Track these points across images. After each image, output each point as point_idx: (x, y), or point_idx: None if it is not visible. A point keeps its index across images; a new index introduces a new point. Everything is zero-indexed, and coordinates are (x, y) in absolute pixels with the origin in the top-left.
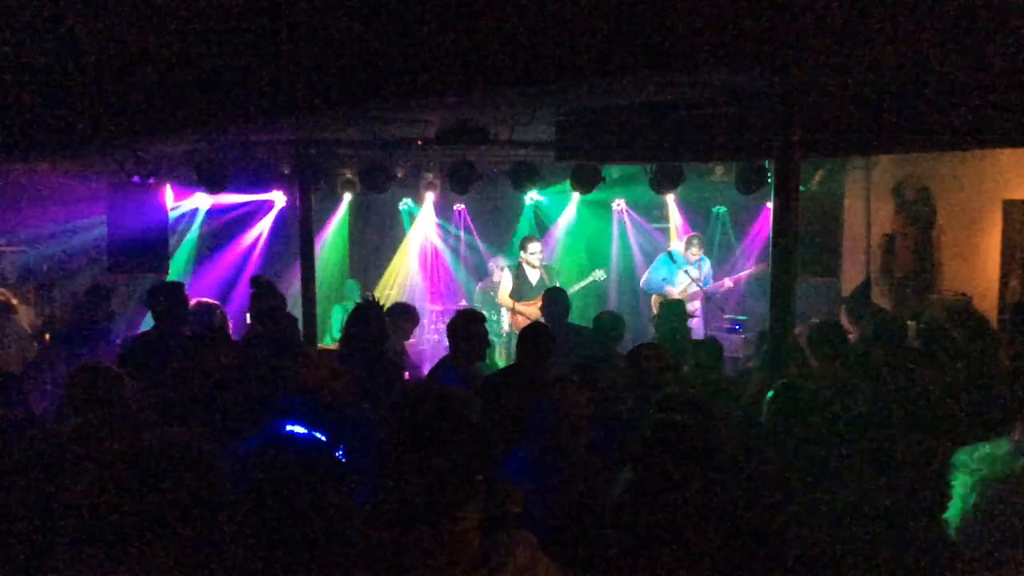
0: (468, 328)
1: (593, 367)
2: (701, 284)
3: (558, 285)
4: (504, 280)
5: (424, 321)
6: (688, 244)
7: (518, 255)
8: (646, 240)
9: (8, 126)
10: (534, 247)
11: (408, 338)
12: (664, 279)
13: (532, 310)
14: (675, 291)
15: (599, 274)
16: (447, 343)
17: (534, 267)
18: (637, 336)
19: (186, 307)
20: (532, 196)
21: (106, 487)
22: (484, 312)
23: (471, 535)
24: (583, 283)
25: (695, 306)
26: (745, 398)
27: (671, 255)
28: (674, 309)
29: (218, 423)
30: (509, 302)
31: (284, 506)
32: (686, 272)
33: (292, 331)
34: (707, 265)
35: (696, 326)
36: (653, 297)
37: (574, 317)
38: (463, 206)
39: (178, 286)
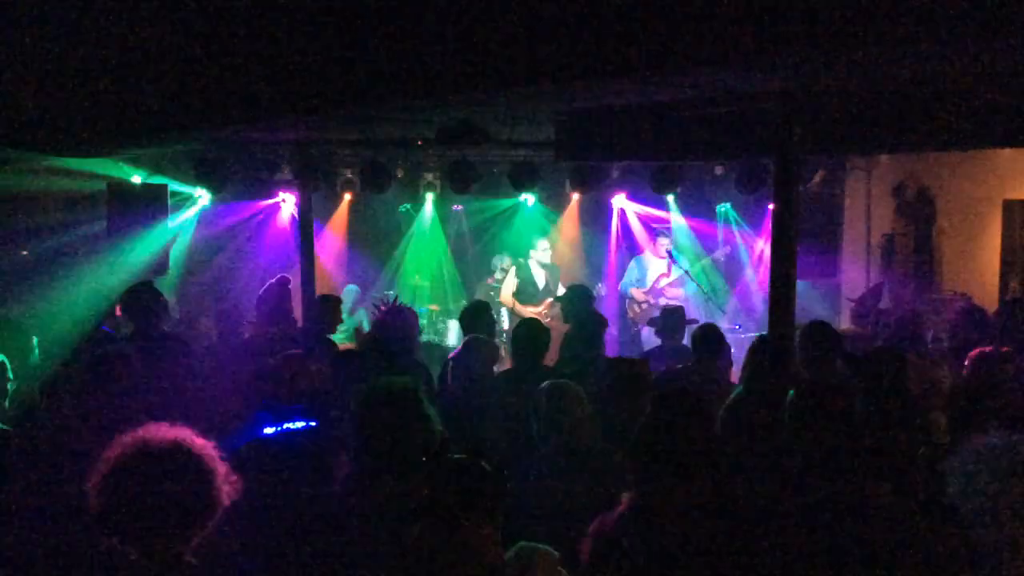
0: (475, 318)
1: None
2: (670, 275)
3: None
4: (508, 279)
5: (424, 322)
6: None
7: (523, 253)
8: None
9: (8, 126)
10: (543, 244)
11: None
12: (638, 281)
13: (535, 313)
14: (639, 292)
15: (600, 289)
16: (446, 341)
17: (541, 267)
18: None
19: (164, 307)
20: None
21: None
22: None
23: (489, 544)
24: None
25: (667, 300)
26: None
27: (639, 260)
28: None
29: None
30: (511, 301)
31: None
32: (654, 269)
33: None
34: (683, 260)
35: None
36: (627, 301)
37: None
38: (461, 206)
39: (153, 286)
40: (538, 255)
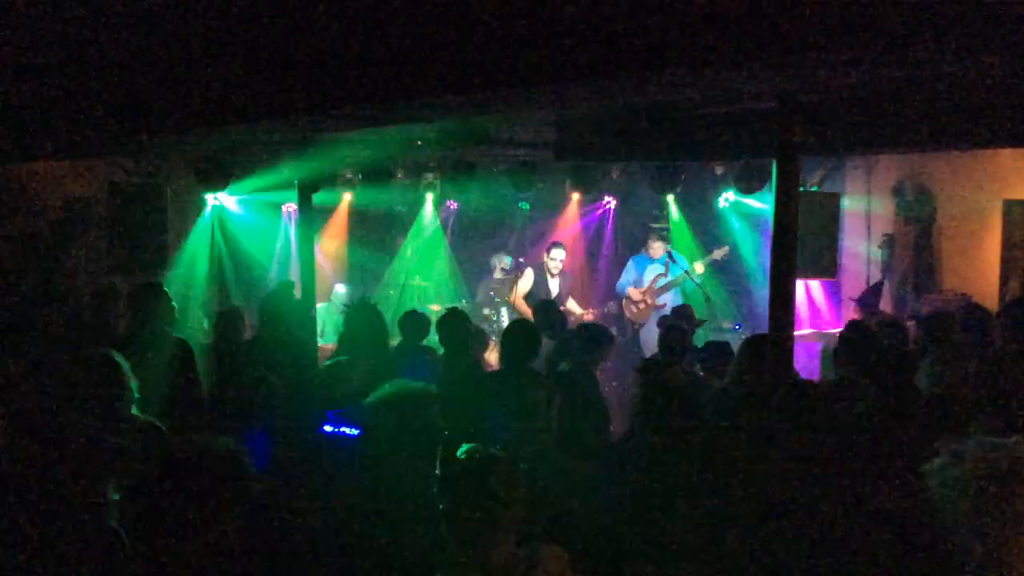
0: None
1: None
2: (668, 275)
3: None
4: (524, 280)
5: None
6: (651, 241)
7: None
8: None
9: (9, 126)
10: (557, 253)
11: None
12: (635, 281)
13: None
14: (636, 291)
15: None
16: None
17: (554, 275)
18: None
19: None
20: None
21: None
22: (484, 310)
23: (503, 542)
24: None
25: (665, 300)
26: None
27: (637, 259)
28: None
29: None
30: (521, 303)
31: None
32: (652, 269)
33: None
34: (683, 260)
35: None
36: (623, 301)
37: None
38: (455, 204)
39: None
40: (548, 262)
